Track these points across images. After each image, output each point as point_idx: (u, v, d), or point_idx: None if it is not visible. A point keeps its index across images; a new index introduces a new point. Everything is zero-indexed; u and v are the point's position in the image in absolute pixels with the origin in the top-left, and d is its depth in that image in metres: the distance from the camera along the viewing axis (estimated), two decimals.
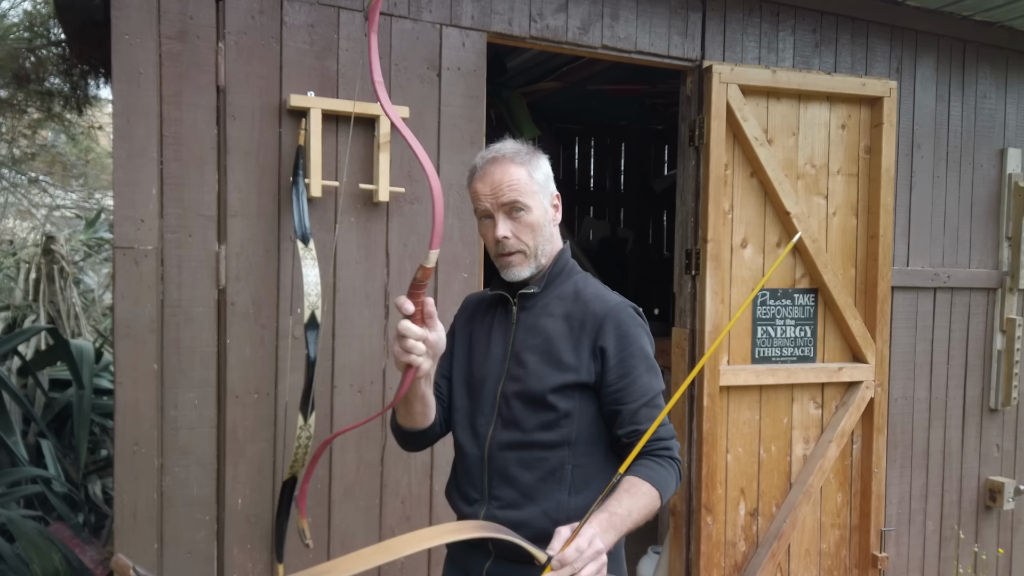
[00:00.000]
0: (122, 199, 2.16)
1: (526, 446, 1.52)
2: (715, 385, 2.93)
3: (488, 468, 1.56)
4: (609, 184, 6.77)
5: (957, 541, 3.48)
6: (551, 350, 1.52)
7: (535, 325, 1.56)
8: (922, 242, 3.35)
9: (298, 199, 2.24)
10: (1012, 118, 3.55)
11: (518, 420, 1.53)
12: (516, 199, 1.52)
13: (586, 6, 2.71)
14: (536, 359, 1.53)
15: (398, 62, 2.46)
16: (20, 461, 3.53)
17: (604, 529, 1.31)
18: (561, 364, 1.51)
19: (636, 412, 1.49)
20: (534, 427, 1.52)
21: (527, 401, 1.53)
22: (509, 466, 1.53)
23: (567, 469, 1.52)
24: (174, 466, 2.24)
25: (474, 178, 1.58)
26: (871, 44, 3.21)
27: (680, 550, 3.07)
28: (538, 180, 1.56)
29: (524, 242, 1.54)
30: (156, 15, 2.17)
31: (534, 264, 1.56)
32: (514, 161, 1.54)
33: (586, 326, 1.52)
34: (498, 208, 1.52)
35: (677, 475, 1.51)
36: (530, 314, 1.58)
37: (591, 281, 1.62)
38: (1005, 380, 3.50)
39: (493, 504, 1.55)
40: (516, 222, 1.53)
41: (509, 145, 1.58)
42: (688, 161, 3.02)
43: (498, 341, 1.60)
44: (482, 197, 1.54)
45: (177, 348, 2.22)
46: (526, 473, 1.52)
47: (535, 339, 1.55)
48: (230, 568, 2.30)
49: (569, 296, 1.57)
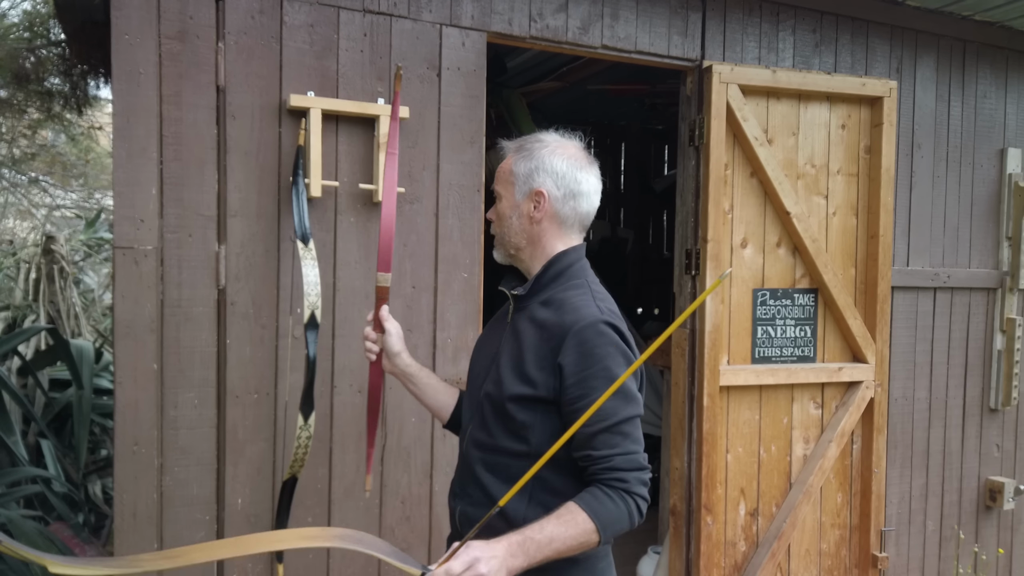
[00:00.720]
0: (122, 199, 2.16)
1: (492, 449, 1.52)
2: (715, 385, 2.93)
3: (464, 465, 1.59)
4: (609, 184, 6.76)
5: (957, 541, 3.48)
6: (520, 359, 1.48)
7: (518, 329, 1.54)
8: (922, 242, 3.35)
9: (298, 199, 2.24)
10: (1012, 118, 3.55)
11: (487, 423, 1.53)
12: (494, 186, 1.61)
13: (586, 6, 2.71)
14: (507, 364, 1.51)
15: (398, 62, 2.46)
16: (20, 461, 3.53)
17: (511, 552, 1.25)
18: (523, 375, 1.46)
19: (592, 436, 1.38)
20: (499, 432, 1.50)
21: (494, 405, 1.51)
22: (477, 465, 1.54)
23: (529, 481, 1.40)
24: (174, 466, 2.24)
25: None
26: (871, 44, 3.21)
27: (680, 550, 3.07)
28: (517, 172, 1.57)
29: (498, 227, 1.62)
30: (156, 15, 2.17)
31: (503, 250, 1.62)
32: (514, 152, 1.61)
33: (553, 339, 1.44)
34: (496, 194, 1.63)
35: (631, 511, 1.38)
36: (519, 317, 1.57)
37: (582, 290, 1.51)
38: (1005, 380, 3.50)
39: (465, 500, 1.56)
40: (494, 209, 1.63)
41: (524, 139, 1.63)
42: (688, 161, 3.02)
43: (493, 341, 1.62)
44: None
45: (177, 348, 2.22)
46: (489, 475, 1.51)
47: (513, 344, 1.52)
48: (230, 568, 2.30)
49: (554, 303, 1.50)
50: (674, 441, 3.09)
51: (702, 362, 2.93)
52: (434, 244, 2.52)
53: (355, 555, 2.42)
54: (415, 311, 2.50)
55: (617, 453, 1.38)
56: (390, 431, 2.48)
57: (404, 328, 2.47)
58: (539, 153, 1.56)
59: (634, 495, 1.38)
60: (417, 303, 2.51)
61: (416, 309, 2.51)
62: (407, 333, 2.49)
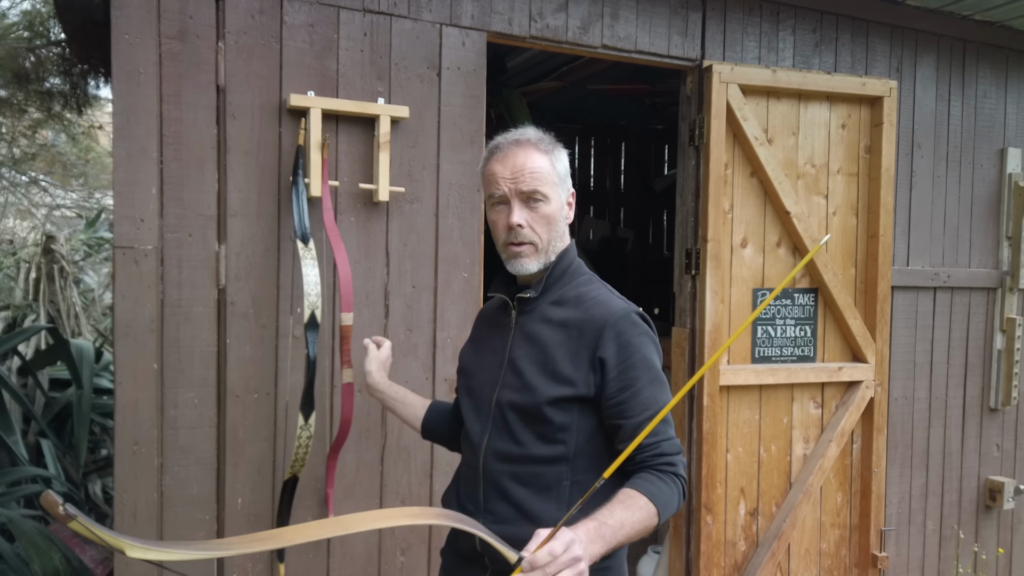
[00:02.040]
0: (122, 199, 2.16)
1: (521, 459, 1.45)
2: (715, 385, 2.93)
3: (483, 480, 1.49)
4: (609, 184, 6.76)
5: (957, 541, 3.48)
6: (547, 360, 1.44)
7: (532, 332, 1.48)
8: (922, 242, 3.35)
9: (298, 199, 2.24)
10: (1012, 118, 3.55)
11: (513, 432, 1.45)
12: (537, 187, 1.44)
13: (586, 5, 2.71)
14: (532, 369, 1.45)
15: (398, 62, 2.46)
16: (20, 460, 3.53)
17: (591, 538, 1.22)
18: (558, 375, 1.42)
19: (639, 426, 1.38)
20: (530, 440, 1.44)
21: (522, 413, 1.45)
22: (503, 479, 1.46)
23: (564, 485, 1.44)
24: (174, 466, 2.24)
25: (492, 159, 1.49)
26: (871, 44, 3.21)
27: (680, 550, 3.07)
28: (559, 171, 1.49)
29: (537, 233, 1.45)
30: (156, 14, 2.17)
31: (543, 259, 1.48)
32: (538, 147, 1.47)
33: (585, 335, 1.43)
34: (516, 194, 1.44)
35: (680, 494, 1.40)
36: (529, 319, 1.50)
37: (596, 285, 1.52)
38: (1005, 380, 3.50)
39: (488, 518, 1.46)
40: (533, 212, 1.44)
41: (532, 131, 1.50)
42: (688, 161, 3.02)
43: (496, 347, 1.54)
44: (500, 180, 1.45)
45: (177, 348, 2.22)
46: (520, 488, 1.44)
47: (532, 347, 1.47)
48: (230, 568, 2.30)
49: (570, 301, 1.48)
50: None
51: (702, 362, 2.93)
52: (434, 244, 2.52)
53: (355, 555, 2.43)
54: (415, 311, 2.51)
55: (662, 439, 1.39)
56: (390, 431, 2.48)
57: (404, 328, 2.48)
58: (560, 150, 1.51)
59: (680, 477, 1.40)
60: (417, 303, 2.51)
61: (416, 309, 2.51)
62: (407, 333, 2.49)
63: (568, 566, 1.12)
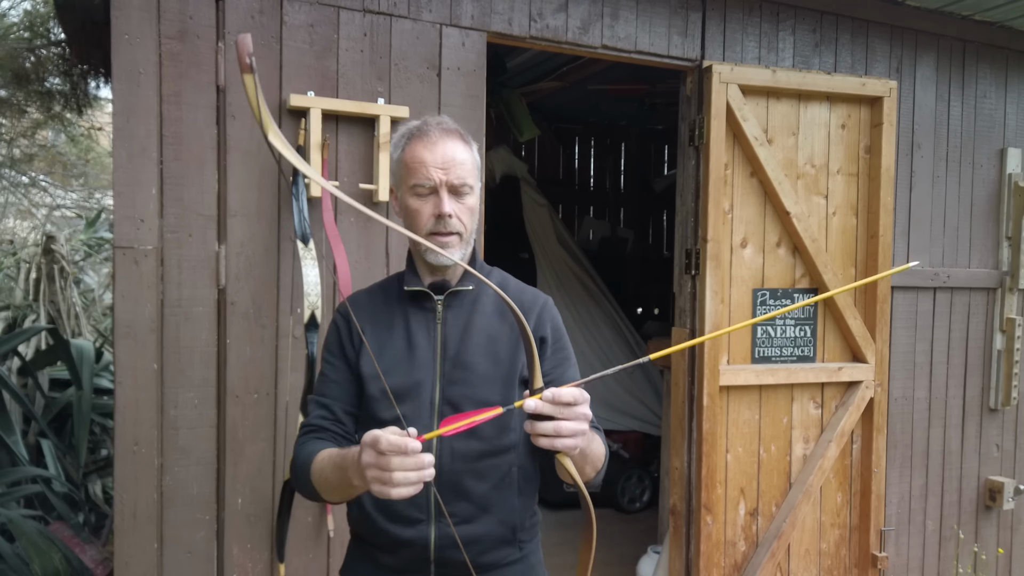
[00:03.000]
0: (122, 199, 2.16)
1: (483, 454, 1.42)
2: (715, 385, 2.93)
3: (437, 483, 1.39)
4: (609, 184, 6.77)
5: (957, 541, 3.49)
6: (497, 349, 1.44)
7: (470, 323, 1.45)
8: (922, 242, 3.35)
9: (298, 199, 2.24)
10: (1012, 118, 3.55)
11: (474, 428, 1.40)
12: (466, 179, 1.43)
13: (586, 6, 2.71)
14: (484, 361, 1.43)
15: (398, 62, 2.46)
16: (20, 461, 3.53)
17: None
18: (510, 363, 1.44)
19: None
20: (491, 433, 1.42)
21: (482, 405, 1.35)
22: (464, 478, 1.41)
23: (514, 472, 1.45)
24: (174, 466, 2.24)
25: (417, 144, 1.43)
26: (871, 44, 3.22)
27: (680, 549, 3.07)
28: (478, 164, 1.49)
29: (463, 224, 1.43)
30: (156, 15, 2.17)
31: (465, 249, 1.46)
32: (463, 138, 1.46)
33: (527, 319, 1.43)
34: (444, 185, 1.41)
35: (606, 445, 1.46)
36: (459, 313, 1.46)
37: (504, 273, 1.56)
38: (1005, 380, 3.51)
39: (444, 522, 1.40)
40: (460, 203, 1.43)
41: (451, 119, 1.49)
42: (688, 161, 3.02)
43: (422, 343, 1.44)
44: (431, 169, 1.40)
45: (177, 348, 2.23)
46: (480, 484, 1.42)
47: (476, 338, 1.44)
48: (230, 568, 2.30)
49: (494, 296, 1.47)
50: (674, 441, 3.09)
51: (702, 362, 2.93)
52: None
53: None
54: None
55: None
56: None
57: None
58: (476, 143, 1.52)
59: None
60: None
61: None
62: None
63: (582, 419, 1.15)
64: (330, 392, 1.48)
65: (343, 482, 1.26)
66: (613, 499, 4.81)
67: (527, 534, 1.50)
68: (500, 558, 1.46)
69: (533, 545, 1.53)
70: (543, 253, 5.35)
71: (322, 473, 1.33)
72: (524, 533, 1.49)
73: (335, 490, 1.32)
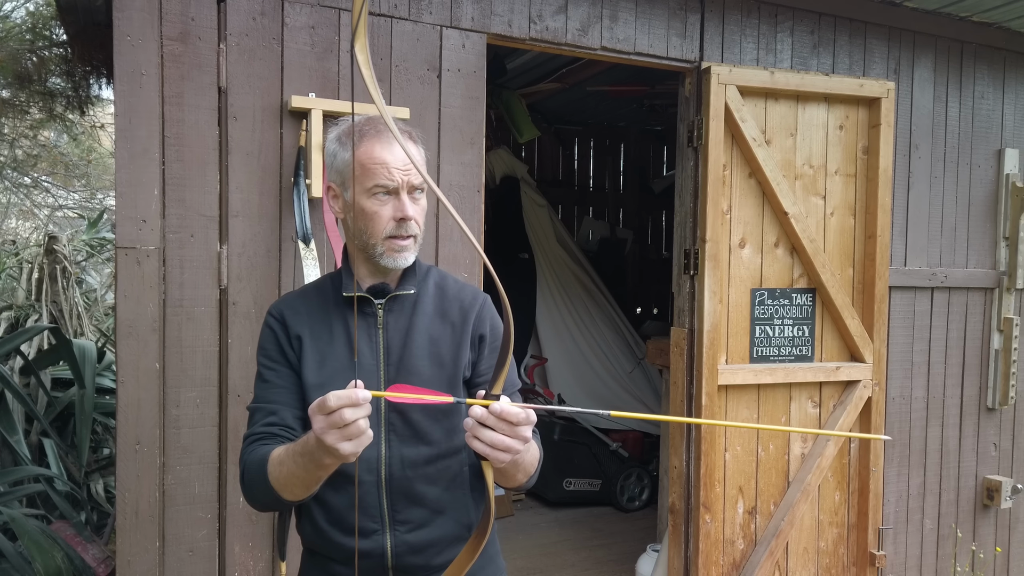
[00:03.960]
0: (124, 199, 2.17)
1: (433, 459, 1.40)
2: (713, 384, 2.95)
3: (388, 492, 1.38)
4: (609, 184, 6.79)
5: (955, 540, 3.50)
6: (441, 351, 1.42)
7: (412, 327, 1.42)
8: (920, 242, 3.36)
9: (299, 200, 2.26)
10: (1009, 118, 3.56)
11: (422, 433, 1.39)
12: (414, 181, 1.38)
13: (585, 8, 2.73)
14: (428, 364, 1.40)
15: (398, 63, 2.47)
16: (23, 460, 3.55)
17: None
18: (453, 364, 1.42)
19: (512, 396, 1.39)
20: (440, 436, 1.40)
21: (430, 410, 1.39)
22: (415, 485, 1.39)
23: (465, 471, 1.44)
24: (176, 465, 2.25)
25: (374, 143, 1.37)
26: (869, 45, 3.23)
27: (679, 548, 3.08)
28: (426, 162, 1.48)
29: (419, 226, 1.40)
30: (158, 16, 2.18)
31: (417, 252, 1.42)
32: (414, 138, 1.41)
33: (466, 318, 1.44)
34: (405, 186, 1.37)
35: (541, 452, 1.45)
36: (400, 316, 1.42)
37: (440, 270, 1.52)
38: (1002, 379, 3.52)
39: (399, 530, 1.39)
40: (416, 205, 1.39)
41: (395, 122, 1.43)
42: (687, 162, 3.03)
43: (364, 350, 1.40)
44: (392, 170, 1.35)
45: (179, 347, 2.24)
46: (432, 488, 1.40)
47: (419, 341, 1.41)
48: (232, 566, 2.32)
49: (432, 290, 1.46)
50: (673, 440, 3.11)
51: (700, 361, 2.95)
52: (434, 244, 2.54)
53: None
54: None
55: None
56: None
57: None
58: None
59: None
60: None
61: None
62: None
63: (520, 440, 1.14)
64: (276, 398, 1.40)
65: (309, 468, 1.20)
66: (612, 498, 4.82)
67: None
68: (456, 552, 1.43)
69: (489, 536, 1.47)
70: (543, 253, 5.37)
71: (281, 468, 1.26)
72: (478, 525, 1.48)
73: (300, 481, 1.25)
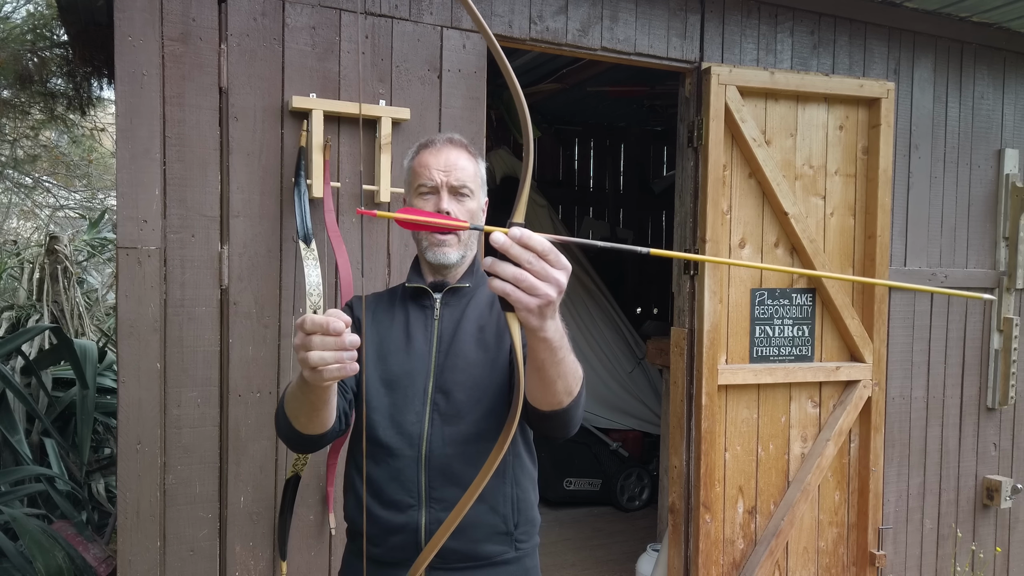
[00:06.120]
0: (125, 200, 2.18)
1: (474, 439, 1.46)
2: (713, 384, 2.95)
3: (427, 469, 1.46)
4: (609, 185, 6.79)
5: (955, 539, 3.50)
6: (485, 338, 1.52)
7: (463, 317, 1.54)
8: (919, 242, 3.37)
9: (300, 200, 2.27)
10: (1009, 119, 3.56)
11: (463, 413, 1.47)
12: (465, 182, 1.53)
13: (586, 8, 2.73)
14: (473, 348, 1.51)
15: (399, 64, 2.48)
16: (24, 460, 3.55)
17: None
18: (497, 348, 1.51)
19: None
20: (479, 417, 1.47)
21: (475, 390, 1.48)
22: (453, 464, 1.46)
23: (507, 459, 1.49)
24: (177, 464, 2.26)
25: (424, 152, 1.57)
26: (869, 45, 3.23)
27: (679, 548, 3.09)
28: (481, 175, 1.61)
29: None
30: (159, 17, 2.19)
31: (462, 250, 1.55)
32: (468, 150, 1.58)
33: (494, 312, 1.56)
34: (445, 186, 1.52)
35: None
36: (455, 309, 1.56)
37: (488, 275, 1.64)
38: (1002, 379, 3.52)
39: (435, 507, 1.45)
40: (459, 205, 1.53)
41: (461, 136, 1.62)
42: (687, 162, 3.04)
43: (419, 336, 1.54)
44: (433, 171, 1.53)
45: (180, 347, 2.25)
46: (471, 469, 1.44)
47: (468, 328, 1.53)
48: (232, 566, 2.32)
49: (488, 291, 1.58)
50: (673, 440, 3.11)
51: (700, 361, 2.95)
52: None
53: None
54: None
55: None
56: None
57: None
58: (482, 159, 1.64)
59: None
60: None
61: None
62: None
63: (551, 282, 0.96)
64: None
65: (302, 386, 1.24)
66: (612, 497, 4.83)
67: (523, 532, 1.52)
68: (494, 553, 1.48)
69: (529, 547, 1.54)
70: None
71: (292, 398, 1.33)
72: (521, 531, 1.50)
73: (300, 404, 1.31)
